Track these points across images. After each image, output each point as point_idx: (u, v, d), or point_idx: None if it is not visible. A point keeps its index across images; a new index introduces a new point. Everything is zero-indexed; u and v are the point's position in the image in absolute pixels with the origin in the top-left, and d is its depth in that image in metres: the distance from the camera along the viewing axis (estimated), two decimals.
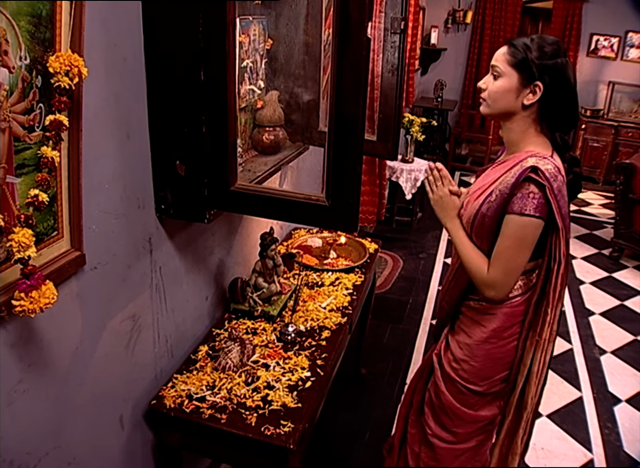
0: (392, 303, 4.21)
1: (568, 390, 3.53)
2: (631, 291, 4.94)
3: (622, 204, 5.33)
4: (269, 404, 1.84)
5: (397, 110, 2.53)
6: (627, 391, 3.60)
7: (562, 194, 1.71)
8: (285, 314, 2.35)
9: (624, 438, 3.19)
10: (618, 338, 4.18)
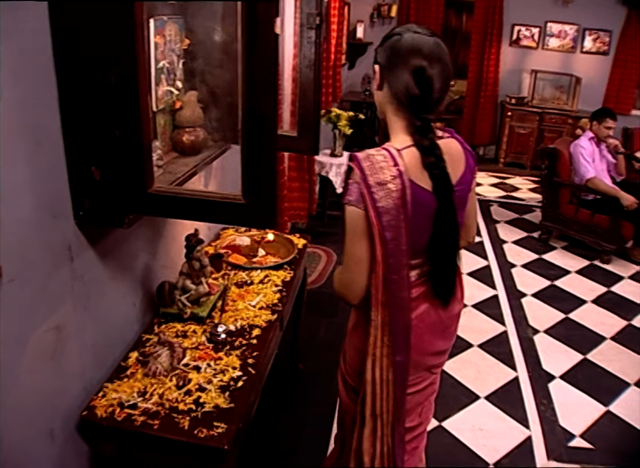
0: (326, 297, 4.21)
1: (504, 371, 3.62)
2: (560, 271, 5.11)
3: (548, 188, 5.49)
4: (202, 406, 1.82)
5: (316, 105, 2.53)
6: (561, 368, 3.72)
7: (385, 188, 1.62)
8: (215, 315, 2.32)
9: (559, 413, 3.30)
10: (550, 318, 4.32)
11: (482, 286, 4.65)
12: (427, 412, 2.12)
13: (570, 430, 3.18)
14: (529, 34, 8.11)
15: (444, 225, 1.71)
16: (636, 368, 3.79)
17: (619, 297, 4.78)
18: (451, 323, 1.95)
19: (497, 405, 3.30)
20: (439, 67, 1.64)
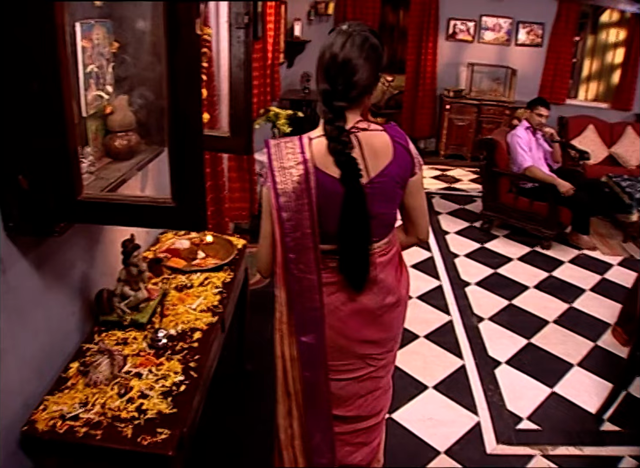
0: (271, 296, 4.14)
1: (450, 360, 3.67)
2: (503, 259, 5.21)
3: (488, 178, 5.59)
4: (144, 413, 1.79)
5: (248, 105, 2.55)
6: (506, 353, 3.80)
7: (286, 172, 1.75)
8: (155, 320, 2.29)
9: (506, 397, 3.37)
10: (494, 305, 4.40)
11: (426, 277, 4.70)
12: (371, 406, 2.13)
13: (517, 414, 3.26)
14: (464, 28, 8.23)
15: (351, 213, 1.77)
16: (579, 350, 3.91)
17: (560, 281, 4.91)
18: (382, 314, 1.98)
19: (445, 393, 3.35)
20: (346, 63, 1.71)
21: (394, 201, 1.89)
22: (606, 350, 3.96)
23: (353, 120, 1.80)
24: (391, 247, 1.97)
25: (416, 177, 1.89)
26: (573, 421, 3.26)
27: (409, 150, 1.85)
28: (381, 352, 2.04)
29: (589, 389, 3.52)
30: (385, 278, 1.95)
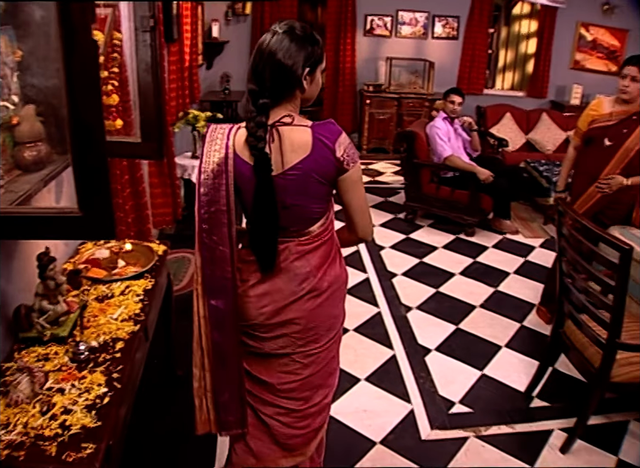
0: None
1: (381, 351, 3.69)
2: (428, 248, 5.29)
3: (409, 169, 5.65)
4: (68, 429, 1.72)
5: (158, 109, 2.52)
6: (435, 340, 3.85)
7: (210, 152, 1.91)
8: (77, 333, 2.21)
9: (437, 383, 3.41)
10: (421, 294, 4.46)
11: (353, 271, 4.70)
12: (291, 388, 2.17)
13: (449, 398, 3.30)
14: (382, 23, 8.33)
15: (260, 201, 1.90)
16: (506, 331, 4.00)
17: (484, 266, 5.02)
18: (297, 300, 2.04)
19: (377, 384, 3.36)
20: (264, 61, 1.83)
21: (314, 195, 1.94)
22: (532, 329, 4.07)
23: (279, 114, 1.88)
24: (317, 240, 2.03)
25: (346, 175, 1.91)
26: (503, 400, 3.33)
27: (333, 149, 1.87)
28: (299, 337, 2.10)
29: (517, 368, 3.60)
30: (301, 267, 2.02)
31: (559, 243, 3.08)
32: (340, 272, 2.13)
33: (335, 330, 2.19)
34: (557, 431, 3.13)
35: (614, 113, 3.70)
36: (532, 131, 7.62)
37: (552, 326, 3.30)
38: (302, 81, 1.86)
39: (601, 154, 3.73)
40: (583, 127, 3.84)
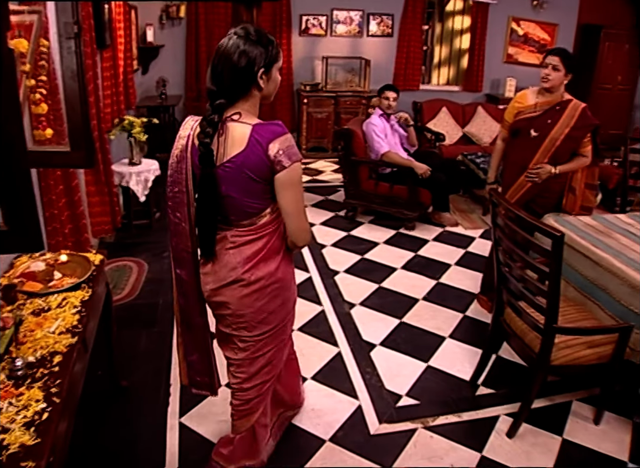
0: (142, 308, 4.07)
1: (326, 348, 3.70)
2: (369, 244, 5.32)
3: (347, 167, 5.68)
4: (6, 449, 1.67)
5: (85, 116, 2.51)
6: (380, 335, 3.87)
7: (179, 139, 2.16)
8: (13, 349, 2.14)
9: (384, 378, 3.44)
10: (364, 290, 4.48)
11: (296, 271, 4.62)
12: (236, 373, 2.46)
13: (396, 392, 3.33)
14: (317, 23, 8.34)
15: (202, 187, 2.11)
16: (449, 322, 4.06)
17: (426, 259, 5.08)
18: (226, 286, 2.25)
19: (324, 383, 3.37)
20: (221, 63, 2.00)
21: (247, 190, 2.08)
22: (474, 318, 4.15)
23: (233, 111, 2.05)
24: (253, 234, 2.18)
25: (279, 175, 2.02)
26: (450, 390, 3.38)
27: (265, 147, 1.99)
28: (232, 321, 2.32)
29: (461, 358, 3.66)
30: (234, 255, 2.21)
31: (494, 234, 3.13)
32: (274, 270, 2.24)
33: (271, 326, 2.34)
34: (503, 416, 3.19)
35: (538, 104, 3.80)
36: (469, 124, 7.75)
37: (492, 314, 3.35)
38: (257, 80, 2.02)
39: (528, 145, 3.81)
40: (509, 119, 3.93)
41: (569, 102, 3.78)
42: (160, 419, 3.02)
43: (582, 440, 3.09)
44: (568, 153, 3.80)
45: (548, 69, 3.68)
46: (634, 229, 3.82)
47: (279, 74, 2.15)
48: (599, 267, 3.33)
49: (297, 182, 2.09)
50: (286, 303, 2.37)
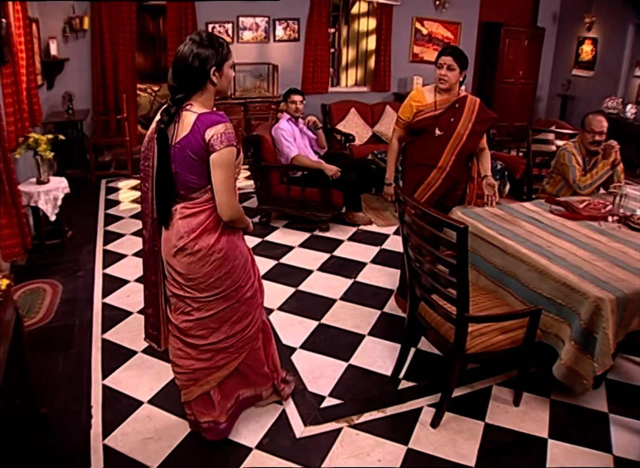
0: (58, 331, 3.92)
1: None
2: (284, 248, 5.32)
3: (258, 173, 5.65)
4: None
5: None
6: (299, 338, 3.88)
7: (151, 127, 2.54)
8: None
9: (306, 380, 3.45)
10: (281, 294, 4.48)
11: None
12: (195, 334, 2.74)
13: (319, 393, 3.34)
14: (223, 30, 8.28)
15: (158, 165, 2.49)
16: (367, 320, 4.11)
17: (341, 259, 5.13)
18: (176, 253, 2.58)
19: None
20: (179, 64, 2.40)
21: (190, 167, 2.45)
22: (392, 314, 4.20)
23: (189, 102, 2.44)
24: (198, 207, 2.53)
25: (212, 156, 2.39)
26: (372, 387, 3.41)
27: (202, 132, 2.37)
28: (184, 285, 2.64)
29: (382, 354, 3.70)
30: (182, 226, 2.54)
31: (402, 231, 3.18)
32: (214, 243, 2.55)
33: (220, 290, 2.65)
34: (426, 408, 3.25)
35: (437, 102, 3.86)
36: (378, 124, 7.87)
37: (407, 309, 3.41)
38: (210, 77, 2.42)
39: (434, 143, 3.87)
40: (406, 117, 3.95)
41: (466, 98, 3.89)
42: (83, 443, 2.92)
43: (504, 423, 3.19)
44: (472, 148, 3.91)
45: (443, 70, 3.75)
46: (539, 215, 3.97)
47: (231, 71, 2.54)
48: (507, 255, 3.44)
49: (226, 163, 2.42)
50: (233, 272, 2.65)
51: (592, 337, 2.98)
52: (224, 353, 2.79)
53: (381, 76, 9.24)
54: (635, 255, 3.43)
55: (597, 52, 10.17)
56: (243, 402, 3.05)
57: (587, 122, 4.52)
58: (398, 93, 9.34)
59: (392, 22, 9.14)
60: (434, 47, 9.59)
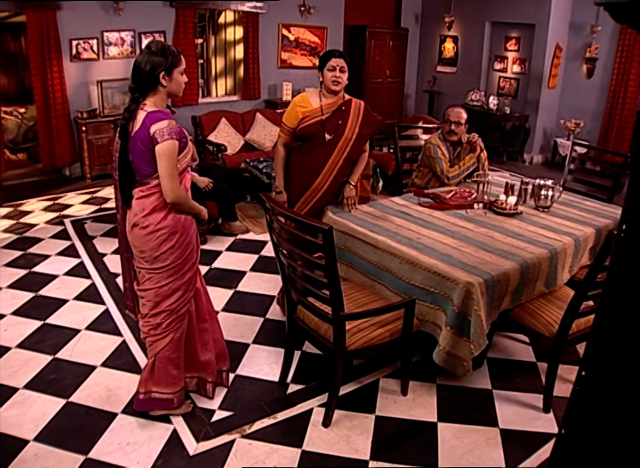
0: None
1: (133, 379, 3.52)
2: None
3: None
4: None
5: None
6: None
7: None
8: None
9: (193, 396, 3.40)
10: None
11: (91, 306, 4.46)
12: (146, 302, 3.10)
13: (209, 407, 3.33)
14: (87, 47, 7.95)
15: (119, 154, 2.90)
16: (251, 329, 4.16)
17: (221, 270, 5.13)
18: (131, 229, 2.98)
19: (135, 414, 3.25)
20: (135, 69, 2.83)
21: (141, 156, 2.83)
22: (276, 320, 4.25)
23: (144, 101, 2.84)
24: (148, 191, 2.90)
25: (156, 147, 2.76)
26: (262, 395, 3.44)
27: (148, 127, 2.76)
28: (140, 257, 3.03)
29: (268, 361, 3.74)
30: (136, 205, 2.94)
31: (272, 237, 3.21)
32: (161, 219, 2.92)
33: (167, 263, 3.00)
34: (316, 408, 3.31)
35: (323, 107, 3.83)
36: (249, 132, 7.88)
37: (286, 314, 3.44)
38: (160, 80, 2.81)
39: (323, 148, 3.84)
40: (292, 124, 3.86)
41: (351, 101, 3.91)
42: None
43: (394, 413, 3.31)
44: (359, 151, 3.95)
45: (337, 72, 3.76)
46: (408, 209, 4.11)
47: (183, 77, 2.93)
48: (379, 250, 3.54)
49: (167, 154, 2.78)
50: (178, 248, 3.00)
51: (466, 320, 3.12)
52: (159, 329, 3.10)
53: (251, 84, 9.27)
54: (501, 238, 3.63)
55: (458, 49, 10.70)
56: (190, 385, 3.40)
57: (446, 114, 4.73)
58: (269, 100, 9.42)
59: (259, 29, 9.19)
60: (301, 53, 9.74)
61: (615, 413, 1.34)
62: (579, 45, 9.40)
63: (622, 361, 1.32)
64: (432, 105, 10.97)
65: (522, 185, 4.38)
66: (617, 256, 1.35)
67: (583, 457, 1.44)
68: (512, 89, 10.13)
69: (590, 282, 2.95)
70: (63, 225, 6.14)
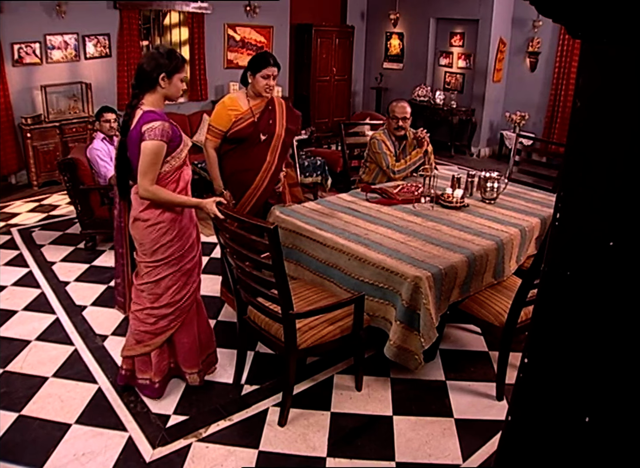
0: None
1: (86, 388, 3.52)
2: (112, 271, 5.07)
3: (78, 197, 5.40)
4: None
5: None
6: None
7: None
8: None
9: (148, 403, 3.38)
10: (114, 319, 4.30)
11: (41, 316, 4.36)
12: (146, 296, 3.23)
13: (164, 413, 3.32)
14: (30, 51, 7.76)
15: (118, 150, 3.12)
16: None
17: None
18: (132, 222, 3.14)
19: (90, 423, 3.22)
20: (139, 68, 2.98)
21: (136, 154, 2.95)
22: (228, 321, 4.29)
23: (142, 100, 2.99)
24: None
25: (142, 143, 2.89)
26: (216, 397, 3.44)
27: (140, 126, 2.89)
28: (140, 249, 3.17)
29: (222, 363, 3.72)
30: (134, 200, 3.11)
31: (218, 239, 3.23)
32: (158, 214, 3.07)
33: (164, 256, 3.13)
34: (272, 408, 3.33)
35: (252, 108, 3.90)
36: (197, 133, 7.86)
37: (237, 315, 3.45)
38: (159, 81, 2.95)
39: (259, 148, 3.94)
40: (224, 127, 3.89)
41: (274, 100, 4.00)
42: None
43: (350, 408, 3.35)
44: (289, 145, 4.11)
45: (270, 80, 3.82)
46: (356, 205, 4.16)
47: (182, 84, 3.10)
48: (327, 248, 3.57)
49: (147, 153, 2.89)
50: (177, 241, 3.14)
51: (416, 314, 3.17)
52: (165, 320, 3.24)
53: (197, 85, 9.23)
54: (448, 231, 3.70)
55: (404, 46, 10.82)
56: (172, 370, 3.49)
57: (390, 110, 4.78)
58: (216, 100, 9.34)
59: (205, 30, 9.15)
60: (247, 52, 9.73)
61: (557, 397, 1.39)
62: (521, 40, 9.62)
63: (561, 347, 1.36)
64: (379, 102, 11.08)
65: (469, 178, 4.46)
66: (552, 244, 1.39)
67: (529, 441, 1.48)
68: (458, 83, 10.30)
69: (535, 270, 3.01)
70: (10, 234, 6.00)
